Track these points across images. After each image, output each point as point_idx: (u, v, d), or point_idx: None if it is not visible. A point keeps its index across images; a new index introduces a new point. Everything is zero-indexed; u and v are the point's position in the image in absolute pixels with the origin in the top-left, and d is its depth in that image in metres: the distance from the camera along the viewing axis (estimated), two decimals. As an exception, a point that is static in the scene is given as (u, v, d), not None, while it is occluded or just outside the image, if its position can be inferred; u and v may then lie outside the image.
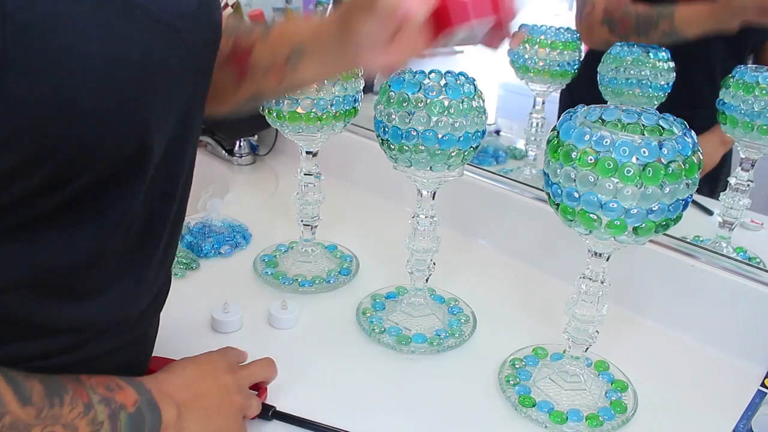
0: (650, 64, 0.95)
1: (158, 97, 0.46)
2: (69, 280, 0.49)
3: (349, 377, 0.74)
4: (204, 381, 0.61)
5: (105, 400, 0.50)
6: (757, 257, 0.87)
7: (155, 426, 0.54)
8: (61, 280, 0.49)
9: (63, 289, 0.49)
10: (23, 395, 0.45)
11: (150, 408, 0.54)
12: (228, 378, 0.63)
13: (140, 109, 0.44)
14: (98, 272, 0.51)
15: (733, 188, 0.86)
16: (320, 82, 0.78)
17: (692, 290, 0.83)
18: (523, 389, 0.72)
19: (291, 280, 0.92)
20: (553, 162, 0.59)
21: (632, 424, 0.69)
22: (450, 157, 0.70)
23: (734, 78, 0.82)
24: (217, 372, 0.63)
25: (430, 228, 0.79)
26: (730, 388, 0.75)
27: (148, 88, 0.44)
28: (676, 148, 0.55)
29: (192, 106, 0.53)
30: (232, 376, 0.63)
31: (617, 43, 0.98)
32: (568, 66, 1.03)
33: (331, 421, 0.67)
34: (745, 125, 0.80)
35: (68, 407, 0.47)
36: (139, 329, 0.59)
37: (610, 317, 0.69)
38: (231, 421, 0.61)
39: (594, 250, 0.65)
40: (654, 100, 0.96)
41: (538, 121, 1.10)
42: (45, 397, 0.46)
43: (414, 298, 0.84)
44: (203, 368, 0.62)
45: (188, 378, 0.61)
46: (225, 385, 0.62)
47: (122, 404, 0.51)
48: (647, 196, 0.55)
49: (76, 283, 0.50)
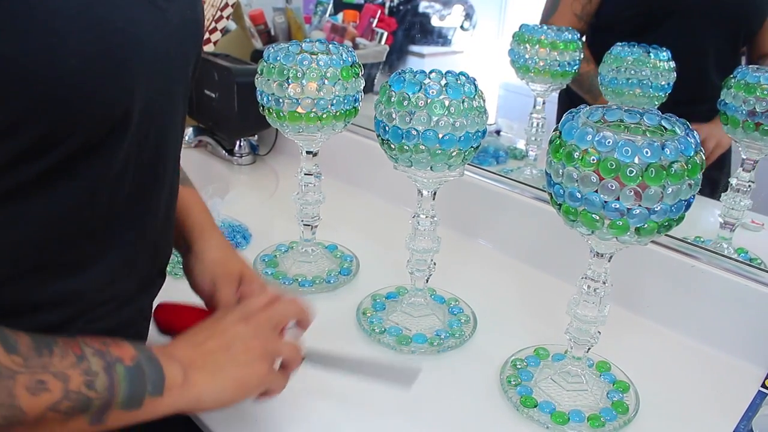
0: (651, 65, 0.95)
1: (142, 68, 0.47)
2: (53, 251, 0.49)
3: (349, 377, 0.74)
4: (213, 337, 0.56)
5: (99, 353, 0.47)
6: (758, 258, 0.87)
7: (158, 382, 0.49)
8: (46, 252, 0.49)
9: (47, 261, 0.49)
10: (9, 344, 0.43)
11: (150, 363, 0.49)
12: (240, 327, 0.58)
13: (125, 75, 0.46)
14: (83, 244, 0.51)
15: (734, 189, 0.86)
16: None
17: (693, 291, 0.83)
18: (525, 390, 0.71)
19: (291, 280, 0.91)
20: (555, 162, 0.59)
21: (634, 425, 0.69)
22: (450, 157, 0.70)
23: (735, 78, 0.82)
24: (226, 324, 0.58)
25: (430, 228, 0.78)
26: (730, 389, 0.75)
27: (133, 56, 0.46)
28: (678, 149, 0.55)
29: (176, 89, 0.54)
30: (245, 323, 0.58)
31: (618, 43, 0.98)
32: (568, 66, 1.03)
33: (331, 421, 0.67)
34: (746, 126, 0.80)
35: (58, 357, 0.44)
36: (127, 313, 0.59)
37: (612, 318, 0.69)
38: (253, 370, 0.56)
39: (596, 251, 0.64)
40: (654, 100, 0.96)
41: (539, 121, 1.10)
42: (32, 347, 0.44)
43: (414, 298, 0.84)
44: (211, 325, 0.58)
45: (194, 338, 0.56)
46: (237, 335, 0.57)
47: (119, 357, 0.47)
48: (649, 197, 0.55)
49: (61, 255, 0.50)
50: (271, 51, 0.81)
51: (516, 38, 1.06)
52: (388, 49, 1.48)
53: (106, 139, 0.47)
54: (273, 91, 0.80)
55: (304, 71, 0.79)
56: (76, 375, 0.44)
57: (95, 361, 0.46)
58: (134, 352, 0.49)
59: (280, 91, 0.80)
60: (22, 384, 0.42)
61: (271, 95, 0.81)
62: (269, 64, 0.80)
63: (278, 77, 0.79)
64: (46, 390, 0.43)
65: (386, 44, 1.48)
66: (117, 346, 0.48)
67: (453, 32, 1.54)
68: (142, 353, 0.49)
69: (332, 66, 0.80)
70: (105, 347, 0.47)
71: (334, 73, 0.79)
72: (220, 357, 0.55)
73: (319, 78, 0.79)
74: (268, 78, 0.80)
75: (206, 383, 0.53)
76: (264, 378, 0.57)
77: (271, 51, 0.81)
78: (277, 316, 0.61)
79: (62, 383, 0.44)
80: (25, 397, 0.42)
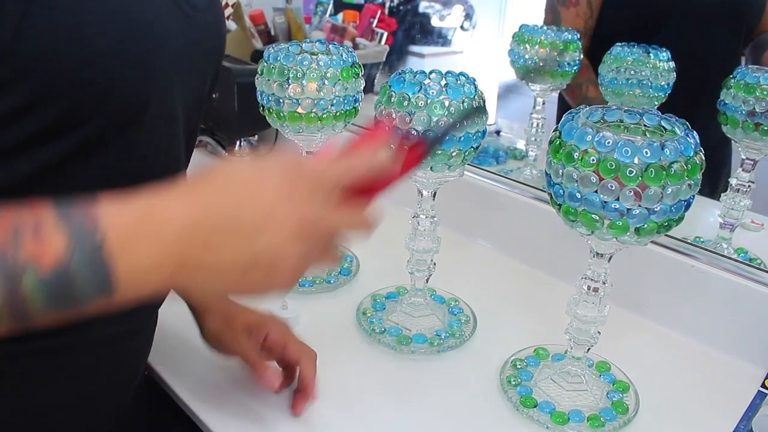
0: (650, 65, 0.95)
1: (162, 63, 0.47)
2: None
3: (349, 377, 0.74)
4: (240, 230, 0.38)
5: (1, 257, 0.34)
6: (758, 258, 0.87)
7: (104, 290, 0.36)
8: None
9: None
10: None
11: (91, 268, 0.35)
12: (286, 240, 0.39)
13: (146, 65, 0.46)
14: None
15: (734, 189, 0.86)
16: None
17: (693, 291, 0.83)
18: (525, 390, 0.71)
19: (291, 281, 0.91)
20: (555, 162, 0.59)
21: (634, 425, 0.69)
22: (450, 157, 0.70)
23: (735, 78, 0.82)
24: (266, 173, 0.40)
25: (430, 228, 0.78)
26: (730, 389, 0.75)
27: (156, 49, 0.46)
28: (678, 149, 0.55)
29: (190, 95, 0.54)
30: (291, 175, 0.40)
31: (618, 43, 0.98)
32: (568, 66, 1.03)
33: (331, 421, 0.67)
34: (746, 126, 0.80)
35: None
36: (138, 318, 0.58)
37: (612, 318, 0.69)
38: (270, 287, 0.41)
39: (596, 251, 0.64)
40: (654, 100, 0.96)
41: (539, 121, 1.10)
42: None
43: (414, 298, 0.84)
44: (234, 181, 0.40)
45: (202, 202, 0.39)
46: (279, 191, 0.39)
47: (29, 260, 0.34)
48: (649, 197, 0.55)
49: None
50: (271, 51, 0.81)
51: (516, 38, 1.06)
52: (388, 50, 1.48)
53: (122, 131, 0.47)
54: (273, 92, 0.80)
55: (304, 71, 0.79)
56: None
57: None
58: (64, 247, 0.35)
59: (280, 91, 0.80)
60: None
61: (271, 95, 0.81)
62: (269, 64, 0.80)
63: (278, 77, 0.79)
64: None
65: (386, 44, 1.48)
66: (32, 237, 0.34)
67: (453, 32, 1.54)
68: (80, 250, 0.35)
69: (332, 66, 0.80)
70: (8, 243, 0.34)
71: (334, 73, 0.79)
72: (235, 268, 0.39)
73: (319, 78, 0.79)
74: (268, 78, 0.80)
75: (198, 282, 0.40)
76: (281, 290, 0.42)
77: (271, 51, 0.81)
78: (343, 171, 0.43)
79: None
80: None
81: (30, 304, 0.34)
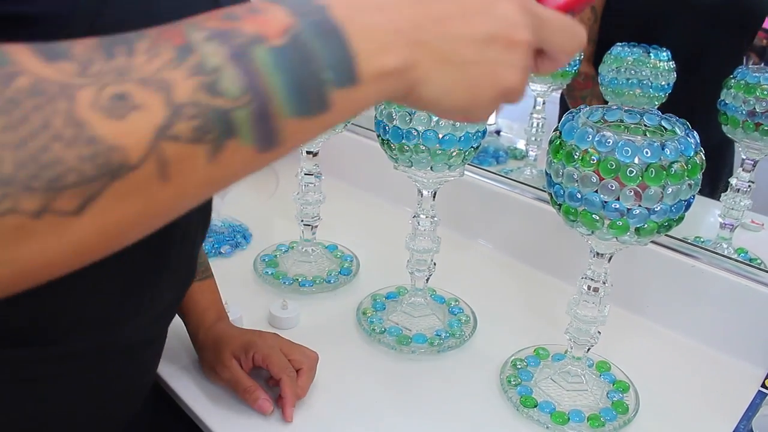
0: (651, 65, 0.95)
1: None
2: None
3: (349, 377, 0.74)
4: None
5: (218, 35, 0.28)
6: (758, 258, 0.87)
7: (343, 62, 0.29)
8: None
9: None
10: (52, 49, 0.26)
11: (323, 36, 0.29)
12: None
13: None
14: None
15: (734, 189, 0.86)
16: None
17: (693, 291, 0.83)
18: (525, 390, 0.71)
19: (291, 280, 0.91)
20: (555, 162, 0.59)
21: (634, 425, 0.69)
22: (451, 157, 0.70)
23: (735, 78, 0.82)
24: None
25: (430, 228, 0.78)
26: (730, 389, 0.75)
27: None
28: (678, 149, 0.55)
29: None
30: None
31: (618, 43, 0.98)
32: (568, 66, 1.03)
33: (331, 421, 0.67)
34: (746, 126, 0.80)
35: (143, 55, 0.26)
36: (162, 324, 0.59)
37: (612, 318, 0.69)
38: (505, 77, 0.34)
39: (596, 251, 0.64)
40: (655, 100, 0.96)
41: (539, 121, 1.10)
42: (95, 47, 0.26)
43: (414, 298, 0.84)
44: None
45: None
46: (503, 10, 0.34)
47: (256, 34, 0.28)
48: (649, 197, 0.55)
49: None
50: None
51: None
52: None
53: None
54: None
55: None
56: (180, 77, 0.26)
57: (211, 50, 0.27)
58: (289, 20, 0.29)
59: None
60: (86, 102, 0.25)
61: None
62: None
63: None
64: (134, 108, 0.25)
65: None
66: (254, 16, 0.29)
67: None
68: (306, 19, 0.29)
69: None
70: (231, 23, 0.28)
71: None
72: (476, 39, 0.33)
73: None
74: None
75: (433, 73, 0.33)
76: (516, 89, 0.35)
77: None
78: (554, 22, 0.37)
79: (159, 95, 0.26)
80: (101, 122, 0.25)
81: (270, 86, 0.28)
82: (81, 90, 0.25)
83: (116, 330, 0.51)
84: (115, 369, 0.54)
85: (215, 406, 0.69)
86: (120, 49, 0.27)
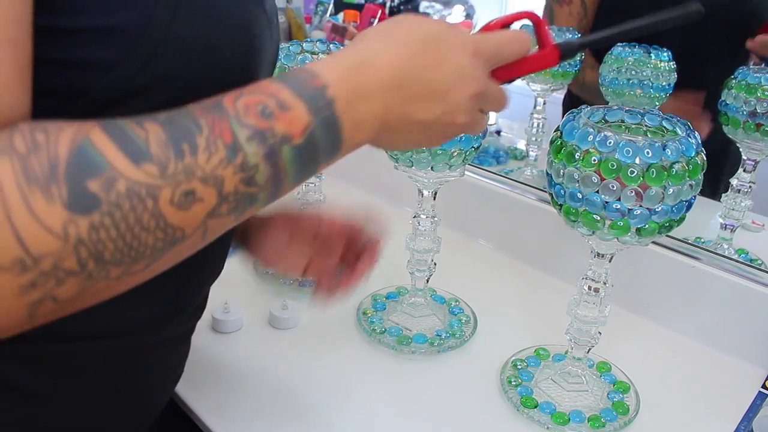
0: (651, 65, 0.94)
1: (262, 76, 0.48)
2: None
3: (349, 377, 0.74)
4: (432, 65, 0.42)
5: (258, 135, 0.36)
6: (759, 259, 0.87)
7: (334, 147, 0.40)
8: None
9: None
10: (135, 148, 0.33)
11: (328, 129, 0.39)
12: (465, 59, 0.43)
13: (256, 76, 0.46)
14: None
15: (735, 189, 0.86)
16: None
17: (694, 291, 0.83)
18: (525, 390, 0.71)
19: (292, 280, 0.91)
20: (556, 162, 0.59)
21: (634, 426, 0.68)
22: (451, 157, 0.69)
23: (736, 79, 0.82)
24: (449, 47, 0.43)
25: (431, 228, 0.78)
26: (731, 390, 0.75)
27: (261, 61, 0.47)
28: (679, 150, 0.55)
29: None
30: (474, 39, 0.44)
31: (618, 43, 0.98)
32: (569, 66, 1.03)
33: (331, 421, 0.67)
34: (747, 127, 0.80)
35: (204, 154, 0.34)
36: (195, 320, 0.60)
37: (612, 318, 0.69)
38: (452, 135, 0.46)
39: (597, 251, 0.64)
40: (655, 100, 0.95)
41: (539, 121, 1.10)
42: (167, 143, 0.34)
43: (414, 299, 0.84)
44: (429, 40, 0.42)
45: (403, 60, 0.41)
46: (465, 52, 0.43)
47: (285, 135, 0.37)
48: (650, 197, 0.55)
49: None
50: (271, 51, 0.81)
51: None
52: (389, 49, 1.47)
53: None
54: (274, 91, 0.80)
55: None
56: (230, 174, 0.35)
57: (252, 151, 0.36)
58: (307, 119, 0.37)
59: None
60: (166, 200, 0.33)
61: (271, 95, 0.81)
62: (270, 63, 0.80)
63: (279, 77, 0.79)
64: (196, 200, 0.35)
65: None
66: (284, 113, 0.37)
67: (453, 32, 1.54)
68: (318, 117, 0.38)
69: (333, 66, 0.79)
70: (267, 122, 0.36)
71: (334, 72, 0.79)
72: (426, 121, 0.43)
73: (320, 78, 0.79)
74: (268, 78, 0.80)
75: (390, 143, 0.44)
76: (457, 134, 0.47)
77: (272, 51, 0.81)
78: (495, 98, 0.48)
79: (215, 189, 0.35)
80: (174, 214, 0.34)
81: (286, 175, 0.38)
82: (162, 190, 0.33)
83: (162, 327, 0.53)
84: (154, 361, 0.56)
85: (214, 405, 0.69)
86: (185, 146, 0.34)
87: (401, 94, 0.41)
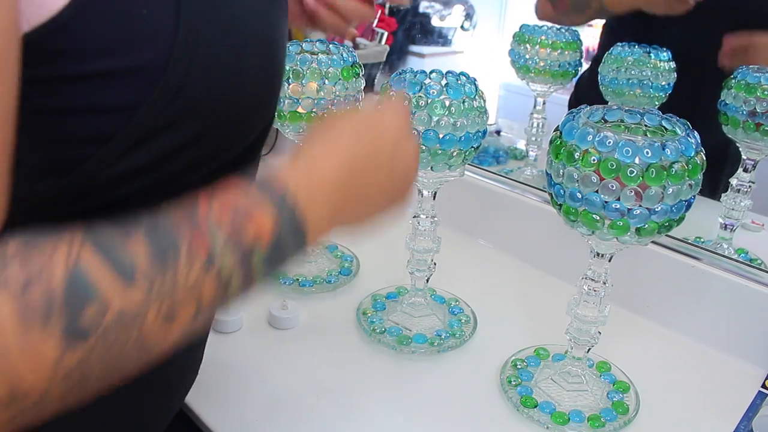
0: (651, 65, 0.94)
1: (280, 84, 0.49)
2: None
3: (349, 377, 0.74)
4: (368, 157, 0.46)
5: (231, 243, 0.37)
6: (759, 258, 0.87)
7: (300, 245, 0.41)
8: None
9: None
10: (125, 270, 0.33)
11: (293, 231, 0.40)
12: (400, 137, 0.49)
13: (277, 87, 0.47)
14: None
15: (734, 189, 0.86)
16: None
17: (694, 291, 0.83)
18: (525, 390, 0.71)
19: (291, 280, 0.91)
20: (555, 162, 0.59)
21: (634, 425, 0.69)
22: (451, 157, 0.69)
23: (736, 79, 0.82)
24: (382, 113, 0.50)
25: (430, 228, 0.78)
26: (731, 390, 0.75)
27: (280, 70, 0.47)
28: (679, 149, 0.55)
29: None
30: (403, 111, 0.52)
31: (618, 43, 0.98)
32: (569, 66, 1.03)
33: (331, 421, 0.67)
34: (746, 126, 0.80)
35: (185, 266, 0.35)
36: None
37: (612, 318, 0.69)
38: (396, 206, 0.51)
39: (596, 251, 0.64)
40: (655, 100, 0.95)
41: (539, 121, 1.10)
42: (153, 262, 0.34)
43: (414, 299, 0.84)
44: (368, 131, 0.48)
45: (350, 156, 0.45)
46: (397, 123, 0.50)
47: (254, 241, 0.38)
48: (650, 197, 0.55)
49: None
50: (271, 51, 0.81)
51: (516, 38, 1.06)
52: (389, 49, 1.47)
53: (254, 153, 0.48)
54: (273, 91, 0.80)
55: (304, 71, 0.79)
56: (208, 287, 0.36)
57: (228, 259, 0.36)
58: (273, 221, 0.39)
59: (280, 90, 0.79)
60: (151, 320, 0.34)
61: (271, 95, 0.81)
62: (270, 63, 0.80)
63: (279, 77, 0.79)
64: (175, 319, 0.35)
65: (386, 44, 1.48)
66: (252, 221, 0.38)
67: (453, 32, 1.54)
68: (284, 218, 0.39)
69: (332, 66, 0.80)
70: (238, 230, 0.37)
71: (334, 72, 0.79)
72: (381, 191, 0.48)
73: (320, 78, 0.79)
74: (268, 78, 0.80)
75: (349, 217, 0.47)
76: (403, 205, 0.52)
77: (272, 51, 0.81)
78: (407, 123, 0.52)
79: (194, 305, 0.36)
80: (157, 333, 0.35)
81: (255, 278, 0.39)
82: (148, 313, 0.34)
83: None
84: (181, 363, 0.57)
85: (214, 404, 0.69)
86: (169, 260, 0.34)
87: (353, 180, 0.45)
